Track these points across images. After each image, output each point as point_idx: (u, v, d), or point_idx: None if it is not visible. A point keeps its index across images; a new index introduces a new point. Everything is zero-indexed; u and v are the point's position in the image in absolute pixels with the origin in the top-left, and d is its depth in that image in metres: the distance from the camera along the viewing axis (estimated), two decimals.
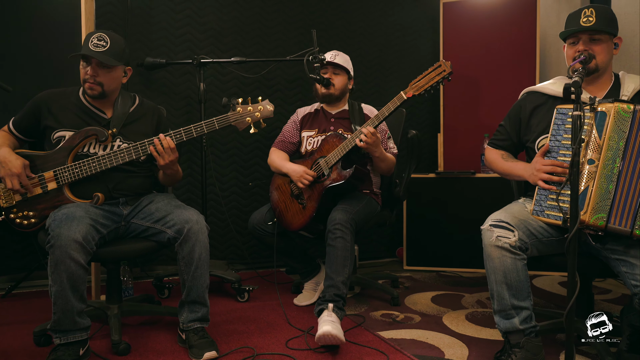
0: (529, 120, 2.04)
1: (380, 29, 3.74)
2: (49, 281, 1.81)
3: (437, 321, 2.41)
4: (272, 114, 2.14)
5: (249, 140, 3.41)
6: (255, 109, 2.13)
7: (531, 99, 2.06)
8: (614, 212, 1.64)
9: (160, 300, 2.66)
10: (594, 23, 1.84)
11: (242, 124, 2.12)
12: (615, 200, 1.63)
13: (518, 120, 2.08)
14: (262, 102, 2.14)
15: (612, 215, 1.64)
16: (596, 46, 1.86)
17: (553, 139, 1.82)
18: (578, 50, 1.88)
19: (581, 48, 1.87)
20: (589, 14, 1.86)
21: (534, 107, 2.03)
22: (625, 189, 1.63)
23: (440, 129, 3.68)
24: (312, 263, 2.76)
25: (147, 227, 2.06)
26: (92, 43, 2.03)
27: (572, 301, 1.41)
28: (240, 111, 2.12)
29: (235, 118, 2.11)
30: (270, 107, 2.14)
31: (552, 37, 3.64)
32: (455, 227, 3.37)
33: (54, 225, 1.80)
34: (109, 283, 2.21)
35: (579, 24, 1.87)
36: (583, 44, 1.87)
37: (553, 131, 1.82)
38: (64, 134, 2.09)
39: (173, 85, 3.24)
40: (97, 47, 2.03)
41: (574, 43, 1.91)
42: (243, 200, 3.42)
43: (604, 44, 1.87)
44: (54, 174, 2.03)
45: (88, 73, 2.06)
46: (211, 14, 3.31)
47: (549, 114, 1.91)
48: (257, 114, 2.13)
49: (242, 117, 2.12)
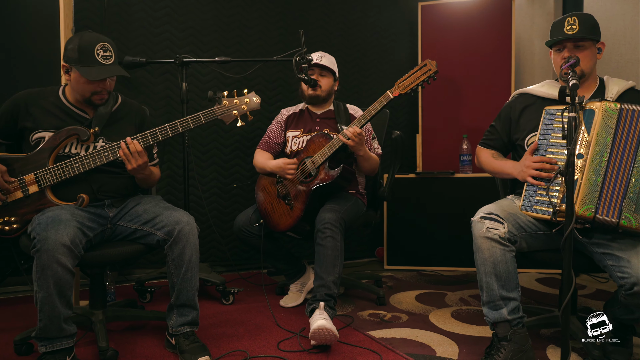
0: (518, 120, 2.10)
1: (359, 30, 3.76)
2: (34, 287, 1.74)
3: (424, 320, 2.44)
4: (258, 106, 2.11)
5: (229, 140, 3.38)
6: (242, 101, 2.09)
7: (521, 100, 2.14)
8: (602, 203, 1.70)
9: (143, 305, 2.60)
10: (577, 31, 1.92)
11: (228, 117, 2.09)
12: (602, 192, 1.71)
13: (508, 120, 2.14)
14: (248, 95, 2.11)
15: (600, 206, 1.70)
16: (580, 53, 1.95)
17: (542, 137, 1.88)
18: (564, 57, 1.96)
19: (566, 55, 1.95)
20: (572, 22, 1.94)
21: (524, 107, 2.10)
22: (612, 181, 1.70)
23: (419, 130, 3.72)
24: (298, 264, 2.75)
25: (135, 230, 2.01)
26: (102, 56, 1.95)
27: (568, 298, 1.45)
28: (226, 104, 2.08)
29: (221, 111, 2.08)
30: (256, 100, 2.11)
31: (526, 40, 3.74)
32: (435, 226, 3.42)
33: (40, 229, 1.74)
34: (93, 288, 2.14)
35: (563, 32, 1.95)
36: (568, 51, 1.95)
37: (541, 130, 1.88)
38: (44, 134, 2.02)
39: (152, 84, 3.18)
40: (107, 59, 1.97)
41: (560, 50, 1.99)
42: (224, 201, 3.38)
43: (588, 50, 1.96)
44: (35, 177, 1.96)
45: (101, 86, 2.00)
46: (191, 12, 3.26)
47: (538, 113, 1.97)
48: (244, 107, 2.09)
49: (229, 110, 2.08)
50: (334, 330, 1.98)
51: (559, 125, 1.82)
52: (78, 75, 1.98)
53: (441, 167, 3.59)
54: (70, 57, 1.97)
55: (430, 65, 2.27)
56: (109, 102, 2.12)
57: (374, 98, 2.39)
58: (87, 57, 1.95)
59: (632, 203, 1.69)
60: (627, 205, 1.68)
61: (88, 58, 1.95)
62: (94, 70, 1.95)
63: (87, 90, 2.01)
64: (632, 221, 1.68)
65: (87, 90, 2.01)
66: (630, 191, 1.69)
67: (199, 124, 2.06)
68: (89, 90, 2.01)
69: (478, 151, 2.26)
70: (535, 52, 3.69)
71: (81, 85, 2.00)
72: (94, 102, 2.05)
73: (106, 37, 2.03)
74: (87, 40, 1.97)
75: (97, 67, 1.96)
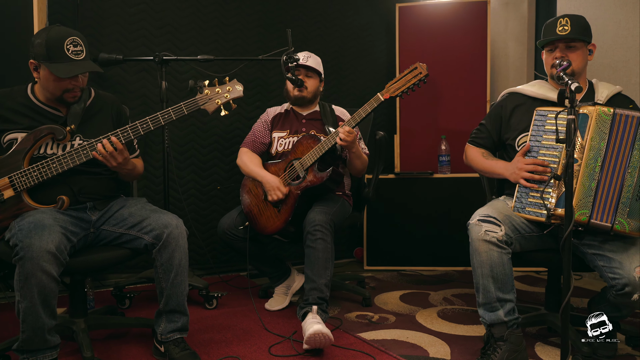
0: (509, 119, 2.12)
1: (337, 31, 3.74)
2: (17, 297, 1.65)
3: (411, 320, 2.44)
4: (241, 93, 2.05)
5: (207, 141, 3.30)
6: (224, 89, 2.03)
7: (512, 99, 2.15)
8: (596, 208, 1.73)
9: (123, 312, 2.50)
10: (569, 32, 1.96)
11: (211, 106, 2.01)
12: (597, 197, 1.73)
13: (499, 119, 2.15)
14: (230, 82, 2.04)
15: (595, 211, 1.73)
16: (572, 53, 1.98)
17: (533, 139, 1.90)
18: (555, 57, 1.98)
19: (558, 55, 1.98)
20: (564, 23, 1.97)
21: (515, 106, 2.11)
22: (606, 186, 1.73)
23: (397, 131, 3.74)
24: (283, 267, 2.71)
25: (121, 234, 1.93)
26: (72, 52, 1.84)
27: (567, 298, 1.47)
28: (208, 93, 2.02)
29: (204, 101, 2.01)
30: (239, 87, 2.05)
31: (501, 42, 3.81)
32: (414, 226, 3.44)
33: (22, 235, 1.64)
34: (73, 295, 2.05)
35: (555, 32, 1.98)
36: (560, 52, 1.98)
37: (533, 132, 1.90)
38: (16, 136, 1.91)
39: (127, 83, 3.07)
40: (77, 54, 1.86)
41: (552, 50, 2.02)
42: (202, 203, 3.30)
43: (579, 51, 1.99)
44: (9, 181, 1.85)
45: (73, 83, 1.88)
46: (168, 9, 3.16)
47: (528, 113, 2.00)
48: (227, 95, 2.03)
49: (211, 99, 2.02)
50: (329, 335, 1.96)
51: (550, 127, 1.85)
52: (47, 73, 1.86)
53: (419, 168, 3.61)
54: (38, 53, 1.85)
55: (420, 69, 2.27)
56: (82, 97, 2.01)
57: (352, 98, 2.41)
58: (56, 53, 1.83)
59: (625, 208, 1.72)
60: (621, 210, 1.72)
61: (57, 54, 1.83)
62: (64, 67, 1.84)
63: (58, 88, 1.89)
64: (625, 226, 1.72)
65: (58, 88, 1.89)
66: (623, 196, 1.73)
67: (181, 114, 1.98)
68: (60, 88, 1.89)
69: (467, 149, 2.27)
70: (510, 54, 3.76)
71: (51, 83, 1.88)
72: (66, 101, 1.94)
73: (76, 31, 1.91)
74: (55, 34, 1.85)
75: (68, 63, 1.85)
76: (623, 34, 2.92)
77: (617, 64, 2.95)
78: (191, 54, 3.21)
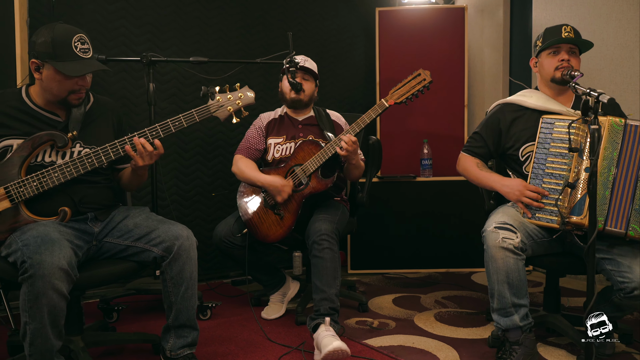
0: (509, 130, 2.15)
1: (317, 34, 3.72)
2: (24, 318, 1.53)
3: (411, 325, 2.46)
4: (253, 100, 2.02)
5: (190, 145, 3.20)
6: (236, 96, 1.98)
7: (508, 110, 2.18)
8: (610, 215, 1.80)
9: (114, 326, 2.37)
10: (574, 38, 2.04)
11: (223, 113, 1.97)
12: (611, 205, 1.80)
13: (498, 130, 2.18)
14: (241, 89, 2.01)
15: (609, 219, 1.80)
16: (574, 58, 2.06)
17: (540, 147, 1.95)
18: (561, 59, 2.05)
19: (565, 57, 2.04)
20: (569, 30, 2.05)
21: (514, 118, 2.15)
22: (619, 194, 1.80)
23: (377, 135, 3.76)
24: (278, 274, 2.66)
25: (127, 246, 1.83)
26: (80, 49, 1.74)
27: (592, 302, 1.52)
28: (220, 100, 1.96)
29: (215, 108, 1.95)
30: (251, 94, 2.01)
31: (477, 48, 3.90)
32: (397, 229, 3.47)
33: (30, 252, 1.52)
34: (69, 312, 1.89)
35: (561, 37, 2.04)
36: (564, 55, 2.05)
37: (540, 140, 1.95)
38: (11, 142, 1.77)
39: (106, 84, 2.92)
40: (85, 52, 1.76)
41: (555, 53, 2.08)
42: (184, 209, 3.19)
43: (578, 58, 2.08)
44: (5, 192, 1.71)
45: (80, 84, 1.77)
46: (148, 7, 3.04)
47: (531, 123, 2.05)
48: (238, 102, 1.98)
49: (223, 106, 1.97)
50: (348, 351, 1.93)
51: (558, 135, 1.90)
52: (53, 72, 1.74)
53: (400, 171, 3.64)
54: (42, 51, 1.73)
55: (424, 75, 2.28)
56: (82, 101, 1.90)
57: (331, 102, 2.43)
58: (64, 51, 1.73)
59: (638, 215, 1.80)
60: (634, 217, 1.79)
61: (65, 52, 1.73)
62: (73, 66, 1.74)
63: (64, 89, 1.78)
64: (638, 231, 1.80)
65: (64, 89, 1.78)
66: (635, 203, 1.80)
67: (193, 122, 1.92)
68: (67, 89, 1.78)
69: (461, 157, 2.29)
70: (485, 60, 3.86)
71: (56, 84, 1.77)
72: (70, 102, 1.82)
73: (80, 29, 1.81)
74: (61, 32, 1.75)
75: (77, 62, 1.75)
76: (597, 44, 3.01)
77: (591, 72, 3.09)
78: (173, 54, 3.10)
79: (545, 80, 2.14)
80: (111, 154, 1.81)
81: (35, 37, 1.77)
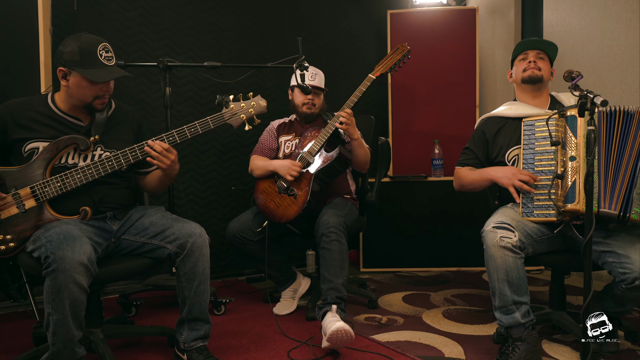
0: (494, 139, 2.26)
1: (330, 37, 3.80)
2: (47, 309, 1.63)
3: (419, 321, 2.51)
4: (265, 109, 2.12)
5: (205, 146, 3.30)
6: (249, 105, 2.09)
7: (491, 123, 2.30)
8: (602, 197, 1.86)
9: (132, 320, 2.48)
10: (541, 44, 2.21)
11: (236, 121, 2.08)
12: (600, 187, 1.86)
13: (484, 141, 2.29)
14: (254, 98, 2.11)
15: (601, 200, 1.85)
16: (541, 62, 2.20)
17: (526, 148, 2.04)
18: (529, 60, 2.19)
19: (532, 59, 2.19)
20: (536, 39, 2.26)
21: (498, 128, 2.27)
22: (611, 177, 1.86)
23: (389, 135, 3.82)
24: (289, 271, 2.74)
25: (143, 243, 1.93)
26: (104, 57, 1.86)
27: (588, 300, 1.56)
28: (233, 108, 2.06)
29: (229, 116, 2.06)
30: (263, 103, 2.11)
31: (488, 49, 3.93)
32: (408, 228, 3.52)
33: (53, 247, 1.62)
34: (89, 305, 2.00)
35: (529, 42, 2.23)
36: (531, 58, 2.19)
37: (525, 142, 2.05)
38: (37, 145, 1.89)
39: (126, 88, 3.04)
40: (109, 60, 1.88)
41: (524, 59, 2.22)
42: (200, 209, 3.30)
43: (546, 62, 2.22)
44: (31, 191, 1.83)
45: (104, 89, 1.89)
46: (165, 14, 3.15)
47: (513, 130, 2.18)
48: (251, 110, 2.09)
49: (236, 114, 2.07)
50: (351, 332, 2.02)
51: (540, 134, 2.00)
52: (79, 79, 1.86)
53: (412, 171, 3.69)
54: (70, 59, 1.85)
55: (402, 47, 2.53)
56: (105, 107, 2.02)
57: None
58: (90, 59, 1.85)
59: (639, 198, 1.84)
60: (637, 201, 1.83)
61: (91, 60, 1.85)
62: (98, 72, 1.86)
63: (89, 95, 1.90)
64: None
65: (89, 94, 1.90)
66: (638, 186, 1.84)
67: (208, 129, 2.02)
68: (92, 95, 1.90)
69: (456, 172, 2.36)
70: (497, 60, 3.89)
71: (82, 90, 1.89)
72: (94, 108, 1.94)
73: (103, 38, 1.93)
74: (87, 41, 1.87)
75: (102, 69, 1.87)
76: (608, 44, 3.07)
77: (602, 72, 3.10)
78: (188, 59, 3.20)
79: (518, 84, 2.27)
80: (130, 158, 1.92)
81: (62, 46, 1.89)
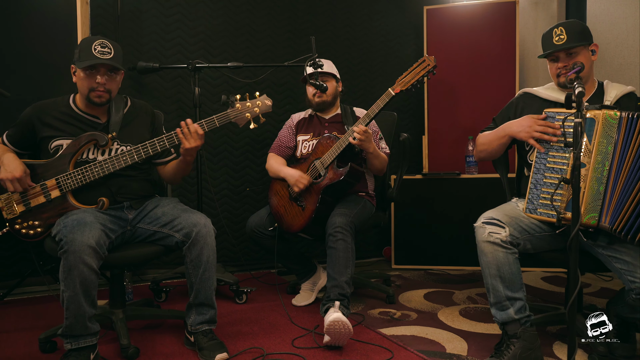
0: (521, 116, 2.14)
1: (365, 34, 3.83)
2: (61, 287, 1.82)
3: (433, 317, 2.50)
4: (270, 108, 2.19)
5: (240, 143, 3.45)
6: (254, 104, 2.17)
7: (525, 99, 2.19)
8: (605, 211, 1.76)
9: (159, 304, 2.67)
10: (565, 40, 1.99)
11: (241, 120, 2.16)
12: (605, 200, 1.75)
13: (508, 118, 2.19)
14: (260, 98, 2.18)
15: (603, 214, 1.76)
16: (574, 60, 2.00)
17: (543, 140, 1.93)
18: (558, 67, 2.03)
19: (561, 65, 2.02)
20: (559, 32, 2.00)
21: (524, 106, 2.16)
22: (618, 190, 1.74)
23: (425, 132, 3.79)
24: (309, 264, 2.82)
25: (154, 232, 2.08)
26: (98, 51, 2.02)
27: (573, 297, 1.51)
28: (239, 107, 2.15)
29: (235, 115, 2.15)
30: (268, 102, 2.19)
31: (530, 42, 3.80)
32: (441, 226, 3.49)
33: (66, 231, 1.81)
34: (113, 288, 2.22)
35: (552, 44, 2.01)
36: (562, 61, 2.02)
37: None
38: (62, 142, 2.09)
39: (164, 89, 3.25)
40: (103, 54, 2.03)
41: (554, 60, 2.06)
42: (234, 203, 3.45)
43: (580, 55, 2.01)
44: (56, 182, 2.03)
45: (98, 81, 2.05)
46: (201, 18, 3.33)
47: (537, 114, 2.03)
48: (256, 109, 2.17)
49: (242, 113, 2.15)
50: (349, 325, 2.05)
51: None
52: (78, 73, 2.07)
53: (447, 168, 3.65)
54: (74, 58, 2.08)
55: (429, 61, 2.32)
56: (120, 106, 2.19)
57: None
58: (85, 54, 2.03)
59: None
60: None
61: (85, 54, 2.03)
62: (87, 62, 2.02)
63: (86, 87, 2.07)
64: None
65: (85, 87, 2.07)
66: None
67: (213, 127, 2.13)
68: (87, 87, 2.06)
69: (478, 137, 2.29)
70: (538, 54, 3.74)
71: (80, 83, 2.08)
72: (92, 101, 2.08)
73: (111, 40, 2.09)
74: (86, 40, 2.07)
75: (92, 60, 2.02)
76: None
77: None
78: (224, 61, 3.35)
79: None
80: (142, 153, 2.08)
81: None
